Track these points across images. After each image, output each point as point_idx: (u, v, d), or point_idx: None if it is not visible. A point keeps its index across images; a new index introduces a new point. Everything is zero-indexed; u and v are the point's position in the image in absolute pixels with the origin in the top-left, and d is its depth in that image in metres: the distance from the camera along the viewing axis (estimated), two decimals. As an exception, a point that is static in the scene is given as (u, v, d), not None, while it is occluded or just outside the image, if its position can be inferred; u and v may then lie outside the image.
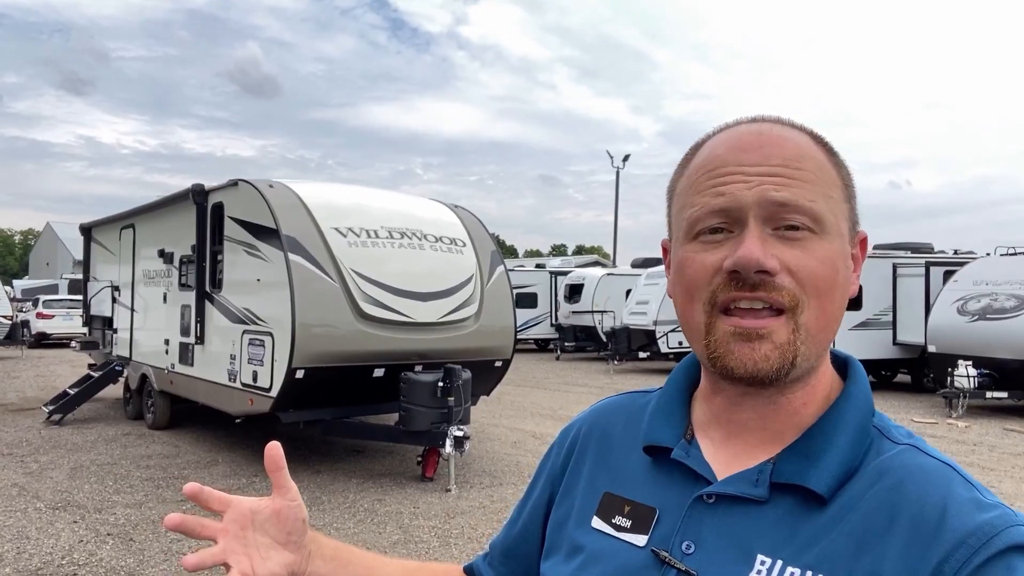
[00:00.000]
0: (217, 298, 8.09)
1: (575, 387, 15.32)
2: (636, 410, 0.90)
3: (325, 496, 6.63)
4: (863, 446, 0.73)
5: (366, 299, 7.08)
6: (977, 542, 0.63)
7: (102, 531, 5.61)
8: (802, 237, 0.70)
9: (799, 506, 0.71)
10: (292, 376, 6.67)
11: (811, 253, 0.70)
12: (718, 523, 0.74)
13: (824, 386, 0.77)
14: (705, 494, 0.75)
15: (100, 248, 12.25)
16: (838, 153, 0.77)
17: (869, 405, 0.77)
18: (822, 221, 0.71)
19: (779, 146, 0.73)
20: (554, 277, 24.58)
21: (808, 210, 0.70)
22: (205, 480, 7.15)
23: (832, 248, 0.72)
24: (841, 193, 0.75)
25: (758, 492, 0.73)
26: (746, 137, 0.74)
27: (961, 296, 12.62)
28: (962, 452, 8.98)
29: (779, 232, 0.70)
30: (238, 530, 0.79)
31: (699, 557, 0.73)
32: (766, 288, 0.69)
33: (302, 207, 7.27)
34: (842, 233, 0.74)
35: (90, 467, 7.64)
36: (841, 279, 0.73)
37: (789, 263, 0.70)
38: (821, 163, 0.74)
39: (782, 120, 0.77)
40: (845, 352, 0.83)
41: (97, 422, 10.26)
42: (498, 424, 10.47)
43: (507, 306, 8.31)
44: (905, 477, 0.70)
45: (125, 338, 10.80)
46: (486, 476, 7.46)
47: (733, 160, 0.73)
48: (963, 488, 0.69)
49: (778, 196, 0.70)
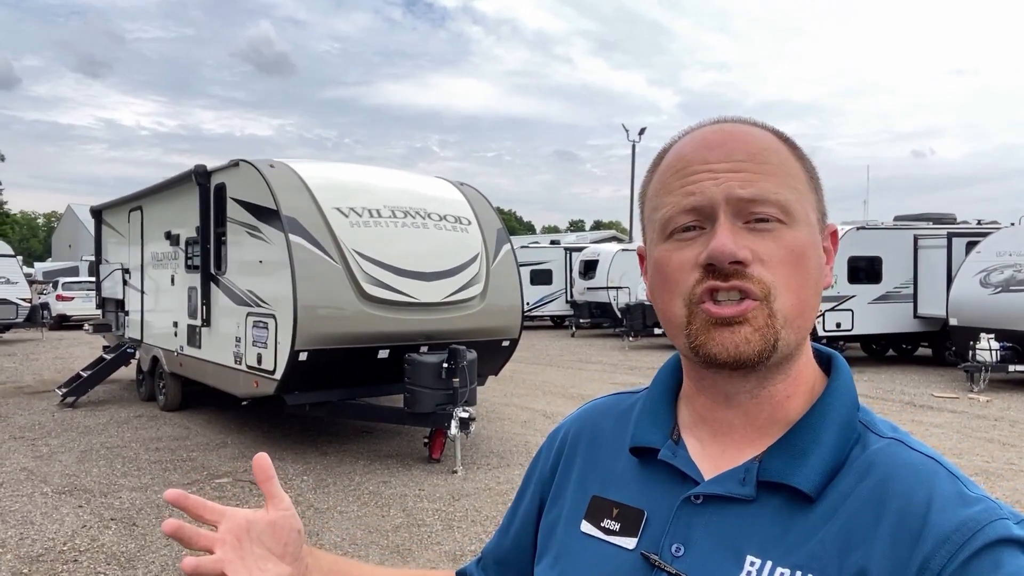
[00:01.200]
0: (222, 280, 8.04)
1: (589, 364, 15.21)
2: (623, 411, 0.90)
3: (331, 478, 6.59)
4: (849, 441, 0.73)
5: (369, 280, 6.99)
6: (962, 537, 0.64)
7: (106, 516, 5.61)
8: (772, 228, 0.72)
9: (787, 504, 0.71)
10: (295, 358, 6.61)
11: (781, 242, 0.71)
12: (707, 524, 0.74)
13: (807, 379, 0.77)
14: (693, 495, 0.75)
15: (111, 230, 12.26)
16: (800, 148, 0.79)
17: (854, 399, 0.77)
18: (790, 211, 0.72)
19: (743, 142, 0.74)
20: (569, 253, 24.37)
21: (775, 201, 0.72)
22: (214, 461, 7.17)
23: (801, 236, 0.73)
24: (806, 185, 0.76)
25: (745, 491, 0.73)
26: (710, 136, 0.76)
27: (984, 268, 12.33)
28: (983, 427, 8.78)
29: (750, 225, 0.72)
30: (234, 541, 0.77)
31: (689, 559, 0.73)
32: (740, 277, 0.70)
33: (303, 187, 7.17)
34: (811, 223, 0.74)
35: (100, 450, 7.67)
36: (813, 267, 0.74)
37: (761, 253, 0.71)
38: (784, 156, 0.75)
39: (744, 120, 0.79)
40: (828, 348, 0.83)
41: (110, 404, 10.32)
42: (509, 403, 10.40)
43: (514, 284, 8.18)
44: (891, 473, 0.70)
45: (136, 320, 10.82)
46: (494, 457, 7.39)
47: (699, 159, 0.74)
48: (948, 482, 0.68)
49: (745, 192, 0.71)
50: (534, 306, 23.87)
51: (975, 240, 13.39)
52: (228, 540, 0.77)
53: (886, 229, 15.04)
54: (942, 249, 14.06)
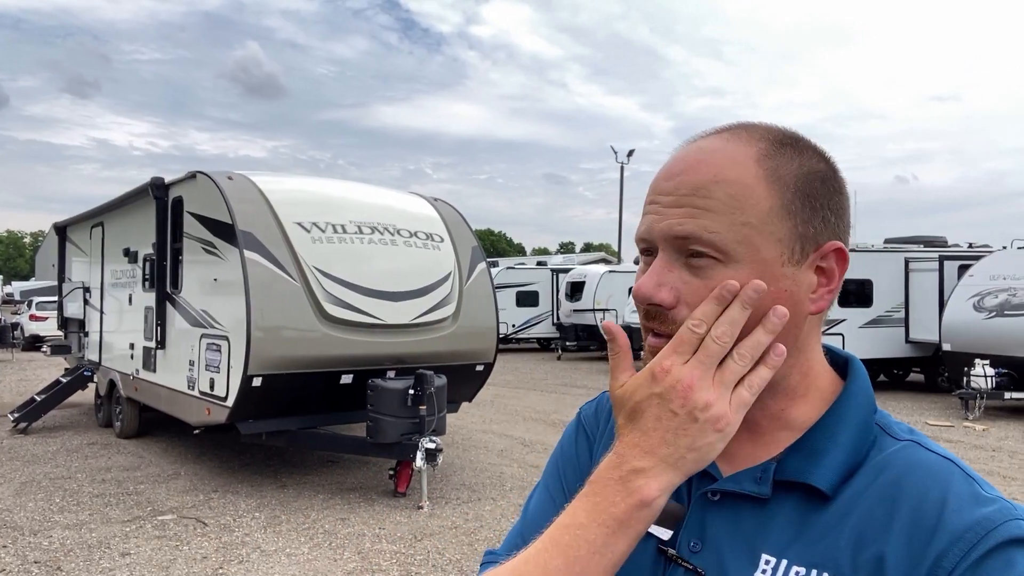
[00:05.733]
0: (178, 299, 7.57)
1: (574, 389, 14.74)
2: None
3: (285, 514, 6.09)
4: (866, 443, 0.73)
5: (331, 299, 6.53)
6: (975, 536, 0.63)
7: (29, 558, 5.09)
8: (705, 265, 0.71)
9: (803, 504, 0.71)
10: (248, 384, 6.13)
11: (712, 282, 0.70)
12: (724, 521, 0.74)
13: (819, 386, 0.77)
14: (710, 491, 0.75)
15: (74, 247, 11.77)
16: (795, 163, 0.73)
17: (870, 402, 0.76)
18: (725, 250, 0.70)
19: (694, 173, 0.72)
20: (556, 275, 23.99)
21: (708, 241, 0.70)
22: (161, 495, 6.65)
23: (740, 276, 0.69)
24: (768, 215, 0.71)
25: (761, 490, 0.73)
26: (672, 164, 0.75)
27: (977, 292, 12.02)
28: (981, 458, 8.36)
29: (687, 260, 0.71)
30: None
31: (705, 555, 0.73)
32: (659, 320, 0.72)
33: (263, 200, 6.73)
34: (760, 259, 0.70)
35: (41, 481, 7.14)
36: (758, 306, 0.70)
37: (686, 296, 0.71)
38: (739, 187, 0.71)
39: (734, 132, 0.75)
40: (846, 351, 0.81)
41: (65, 430, 9.76)
42: (487, 430, 9.90)
43: (488, 306, 7.74)
44: (905, 472, 0.69)
45: (95, 341, 10.30)
46: (465, 490, 6.91)
47: (656, 189, 0.75)
48: (963, 482, 0.68)
49: (680, 230, 0.71)
50: (519, 328, 23.42)
51: (967, 263, 13.12)
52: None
53: (877, 252, 14.72)
54: (934, 272, 13.77)
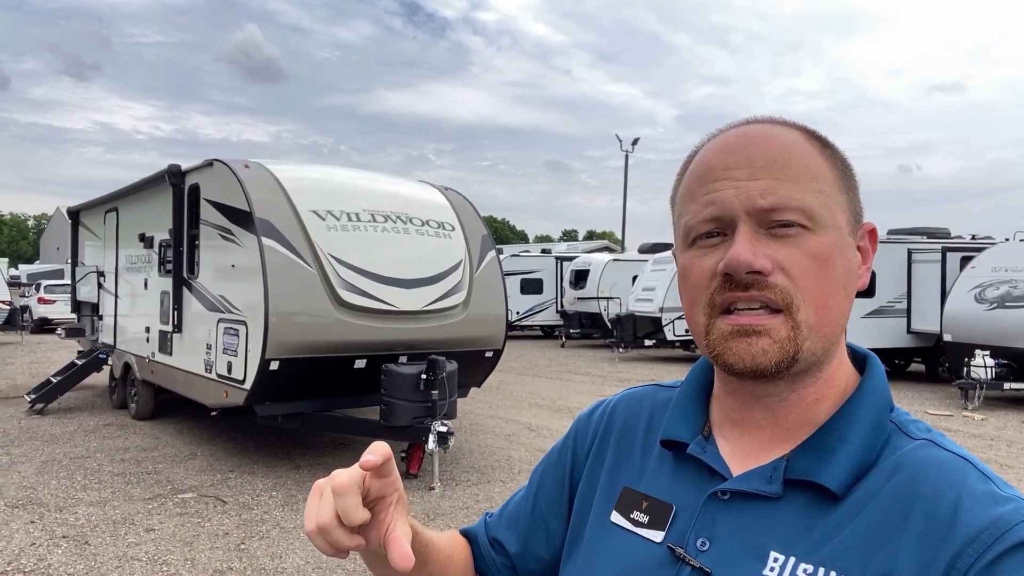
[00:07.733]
0: (195, 285, 7.73)
1: (577, 376, 14.92)
2: (658, 404, 0.90)
3: (301, 494, 6.28)
4: (879, 441, 0.72)
5: (345, 286, 6.69)
6: (990, 537, 0.62)
7: (58, 533, 5.28)
8: (795, 234, 0.70)
9: (813, 502, 0.71)
10: (266, 368, 6.30)
11: (803, 249, 0.70)
12: (732, 520, 0.73)
13: (839, 381, 0.76)
14: (720, 491, 0.75)
15: (88, 232, 11.93)
16: (834, 145, 0.76)
17: (886, 400, 0.75)
18: (813, 216, 0.70)
19: (764, 146, 0.72)
20: (560, 263, 24.11)
21: (796, 207, 0.70)
22: (180, 474, 6.84)
23: (826, 241, 0.70)
24: (834, 186, 0.73)
25: (772, 489, 0.72)
26: (732, 141, 0.74)
27: (979, 283, 12.13)
28: (979, 447, 8.53)
29: (772, 231, 0.70)
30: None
31: (714, 554, 0.73)
32: (759, 287, 0.69)
33: (279, 189, 6.88)
34: (838, 226, 0.72)
35: (62, 460, 7.33)
36: (840, 271, 0.72)
37: (782, 262, 0.69)
38: (809, 158, 0.73)
39: (773, 119, 0.77)
40: (864, 348, 0.81)
41: (81, 411, 9.96)
42: (493, 415, 10.09)
43: (498, 293, 7.90)
44: (920, 471, 0.68)
45: (110, 325, 10.48)
46: (474, 472, 7.10)
47: (721, 165, 0.73)
48: (978, 481, 0.67)
49: (765, 202, 0.70)
50: (524, 316, 23.58)
51: (969, 255, 13.20)
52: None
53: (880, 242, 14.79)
54: (936, 264, 13.88)
